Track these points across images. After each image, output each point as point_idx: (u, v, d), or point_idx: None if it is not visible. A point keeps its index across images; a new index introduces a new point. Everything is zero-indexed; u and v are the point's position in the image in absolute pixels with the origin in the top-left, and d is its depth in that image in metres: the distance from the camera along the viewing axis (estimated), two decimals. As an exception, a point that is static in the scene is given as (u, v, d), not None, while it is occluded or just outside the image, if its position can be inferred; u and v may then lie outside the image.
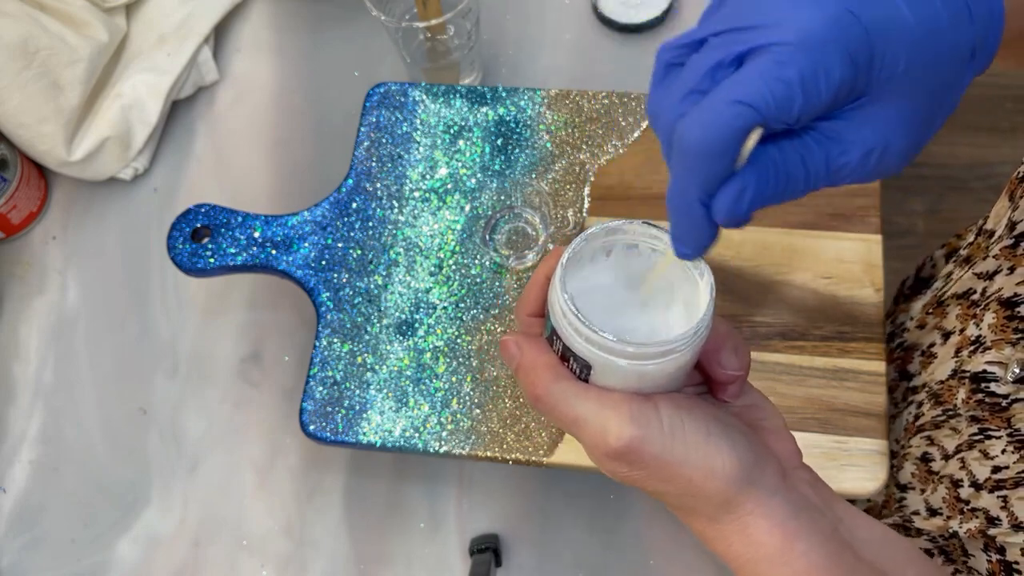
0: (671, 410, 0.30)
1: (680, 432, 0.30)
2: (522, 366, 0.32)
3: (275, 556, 0.58)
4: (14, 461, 0.62)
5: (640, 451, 0.30)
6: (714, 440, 0.30)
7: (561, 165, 0.58)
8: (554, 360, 0.32)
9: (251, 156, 0.70)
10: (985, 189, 1.48)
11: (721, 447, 0.30)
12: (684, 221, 0.29)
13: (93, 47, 0.65)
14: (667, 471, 0.30)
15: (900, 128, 0.28)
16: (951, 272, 0.56)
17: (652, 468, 0.30)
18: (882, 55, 0.27)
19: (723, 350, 0.32)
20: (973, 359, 0.47)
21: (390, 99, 0.61)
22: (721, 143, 0.26)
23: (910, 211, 1.46)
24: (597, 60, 0.70)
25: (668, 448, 0.30)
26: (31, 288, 0.67)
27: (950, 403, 0.50)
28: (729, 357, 0.32)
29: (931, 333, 0.56)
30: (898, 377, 0.61)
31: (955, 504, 0.49)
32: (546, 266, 0.34)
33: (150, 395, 0.63)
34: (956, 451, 0.49)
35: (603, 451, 0.30)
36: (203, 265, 0.56)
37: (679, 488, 0.31)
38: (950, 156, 1.50)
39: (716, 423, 0.31)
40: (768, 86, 0.26)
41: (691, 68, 0.28)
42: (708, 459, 0.30)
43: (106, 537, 0.59)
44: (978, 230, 0.53)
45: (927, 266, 0.65)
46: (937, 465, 0.52)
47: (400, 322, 0.55)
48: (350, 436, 0.52)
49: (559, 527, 0.56)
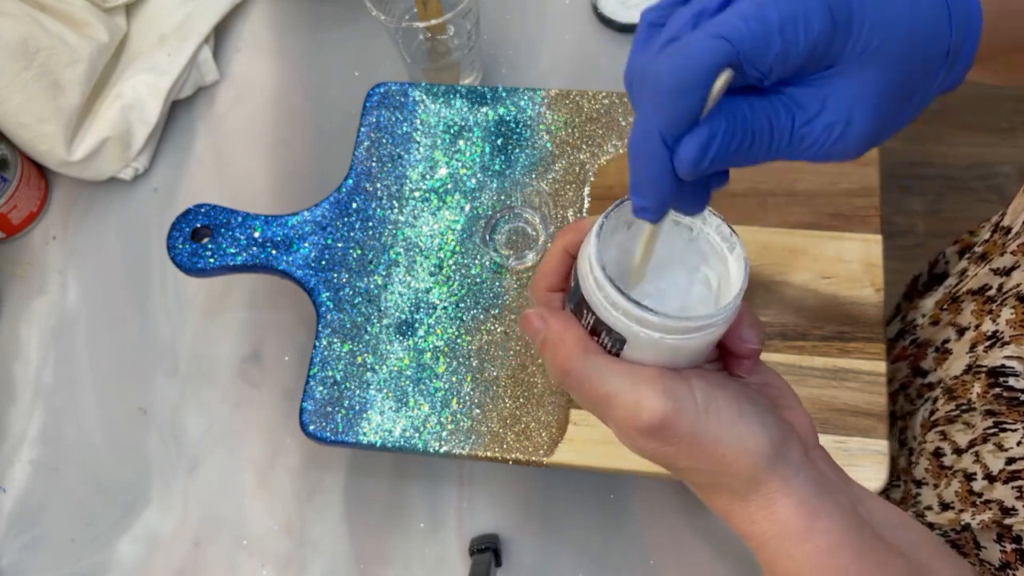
0: (705, 387, 0.30)
1: (714, 408, 0.30)
2: (549, 340, 0.32)
3: (275, 556, 0.58)
4: (14, 461, 0.62)
5: (674, 427, 0.30)
6: (746, 418, 0.30)
7: (561, 165, 0.58)
8: (583, 333, 0.31)
9: (251, 156, 0.70)
10: (985, 189, 1.48)
11: (752, 424, 0.30)
12: (645, 167, 0.28)
13: (93, 47, 0.65)
14: (699, 448, 0.30)
15: (864, 107, 0.28)
16: (965, 269, 0.56)
17: (685, 444, 0.30)
18: (860, 21, 0.27)
19: (743, 324, 0.32)
20: (990, 354, 0.47)
21: (390, 99, 0.61)
22: (694, 76, 0.25)
23: (910, 211, 1.46)
24: (597, 60, 0.70)
25: (702, 424, 0.30)
26: (31, 288, 0.67)
27: (964, 398, 0.50)
28: (748, 331, 0.32)
29: (945, 329, 0.56)
30: (911, 374, 0.61)
31: (967, 497, 0.49)
32: (563, 239, 0.33)
33: (150, 395, 0.63)
34: (970, 445, 0.49)
35: (636, 427, 0.30)
36: (203, 265, 0.56)
37: (709, 465, 0.31)
38: (950, 156, 1.50)
39: (747, 401, 0.31)
40: (746, 23, 0.25)
41: (673, 19, 0.28)
42: (741, 436, 0.30)
43: (106, 537, 0.59)
44: (994, 227, 0.53)
45: (940, 263, 0.65)
46: (949, 460, 0.52)
47: (400, 322, 0.55)
48: (350, 436, 0.52)
49: (559, 527, 0.56)
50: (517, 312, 0.54)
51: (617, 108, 0.59)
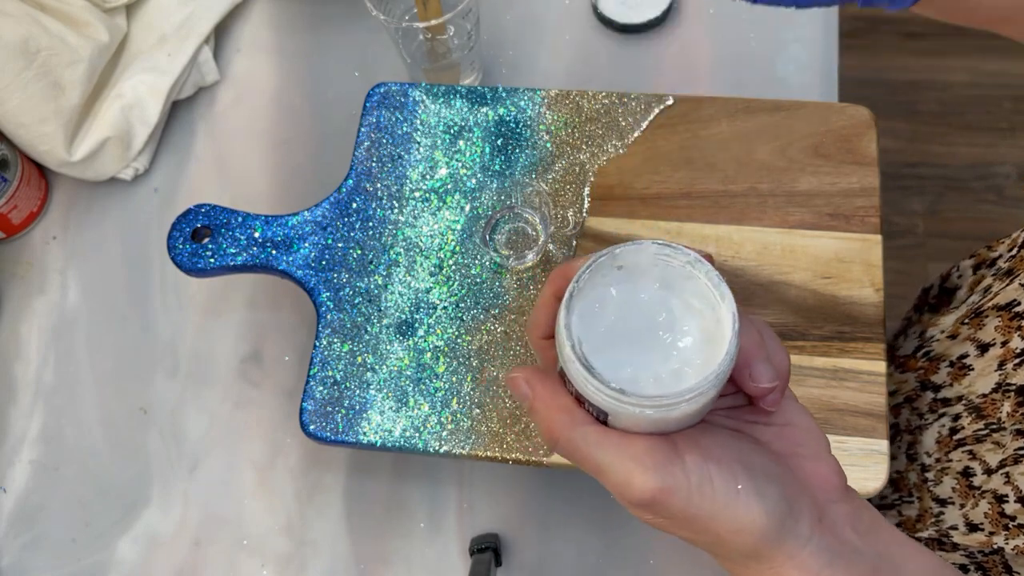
0: (698, 462, 0.29)
1: (707, 486, 0.29)
2: (535, 408, 0.31)
3: (275, 556, 0.58)
4: (14, 461, 0.62)
5: (665, 503, 0.28)
6: (743, 494, 0.29)
7: (561, 165, 0.58)
8: (569, 402, 0.30)
9: (251, 156, 0.70)
10: (985, 189, 1.48)
11: (751, 503, 0.29)
12: None
13: (94, 47, 0.65)
14: (694, 524, 0.29)
15: None
16: (990, 285, 0.55)
17: (678, 519, 0.29)
18: None
19: (753, 363, 0.30)
20: (1019, 372, 0.46)
21: (390, 99, 0.61)
22: None
23: (910, 211, 1.46)
24: (597, 60, 0.70)
25: (695, 503, 0.28)
26: (31, 288, 0.67)
27: (993, 417, 0.49)
28: (761, 369, 0.30)
29: (962, 344, 0.55)
30: (920, 387, 0.60)
31: (998, 520, 0.48)
32: (553, 285, 0.31)
33: (150, 395, 0.63)
34: (1000, 466, 0.48)
35: (628, 500, 0.29)
36: (203, 265, 0.56)
37: (707, 539, 0.30)
38: (949, 156, 1.50)
39: (745, 473, 0.29)
40: None
41: None
42: (737, 515, 0.29)
43: (106, 537, 0.59)
44: (1020, 244, 0.53)
45: (953, 276, 0.65)
46: (979, 480, 0.51)
47: (400, 322, 0.55)
48: (350, 436, 0.52)
49: (559, 527, 0.56)
50: (517, 312, 0.54)
51: (617, 108, 0.59)
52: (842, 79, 0.67)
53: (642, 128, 0.59)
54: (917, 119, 1.54)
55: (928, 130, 1.52)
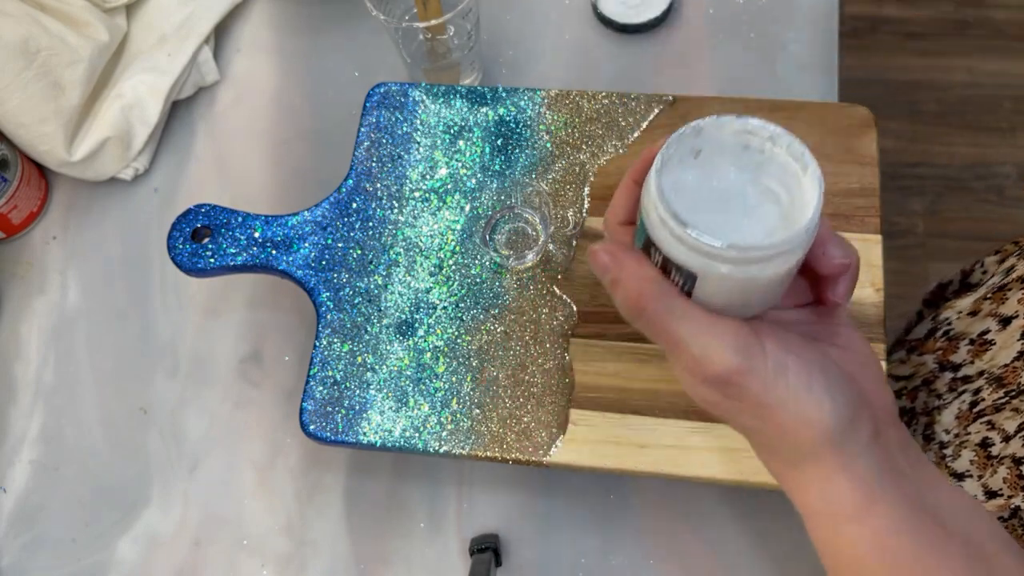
0: (778, 349, 0.29)
1: (783, 374, 0.29)
2: (620, 281, 0.30)
3: (275, 556, 0.58)
4: (14, 461, 0.62)
5: (740, 384, 0.29)
6: (816, 390, 0.29)
7: (561, 165, 0.58)
8: (656, 273, 0.30)
9: (251, 156, 0.70)
10: (985, 189, 1.48)
11: (822, 399, 0.29)
12: None
13: (94, 47, 0.65)
14: (762, 410, 0.29)
15: None
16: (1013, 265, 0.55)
17: (747, 403, 0.29)
18: None
19: (827, 242, 0.31)
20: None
21: (390, 99, 0.61)
22: None
23: (910, 211, 1.46)
24: (597, 60, 0.70)
25: (769, 387, 0.29)
26: (31, 288, 0.67)
27: (1013, 384, 0.49)
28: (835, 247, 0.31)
29: (983, 320, 0.55)
30: (938, 368, 0.60)
31: (1016, 483, 0.48)
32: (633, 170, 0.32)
33: (150, 395, 0.63)
34: (1018, 430, 0.48)
35: (700, 375, 0.29)
36: (203, 265, 0.56)
37: (769, 429, 0.30)
38: (950, 156, 1.50)
39: (820, 372, 0.30)
40: None
41: None
42: (806, 408, 0.29)
43: (106, 537, 0.59)
44: None
45: (976, 271, 0.65)
46: (997, 448, 0.51)
47: (400, 322, 0.55)
48: (350, 436, 0.52)
49: (559, 527, 0.56)
50: (517, 312, 0.54)
51: (617, 108, 0.59)
52: (842, 79, 0.67)
53: (642, 128, 0.59)
54: (917, 119, 1.54)
55: (928, 130, 1.52)
